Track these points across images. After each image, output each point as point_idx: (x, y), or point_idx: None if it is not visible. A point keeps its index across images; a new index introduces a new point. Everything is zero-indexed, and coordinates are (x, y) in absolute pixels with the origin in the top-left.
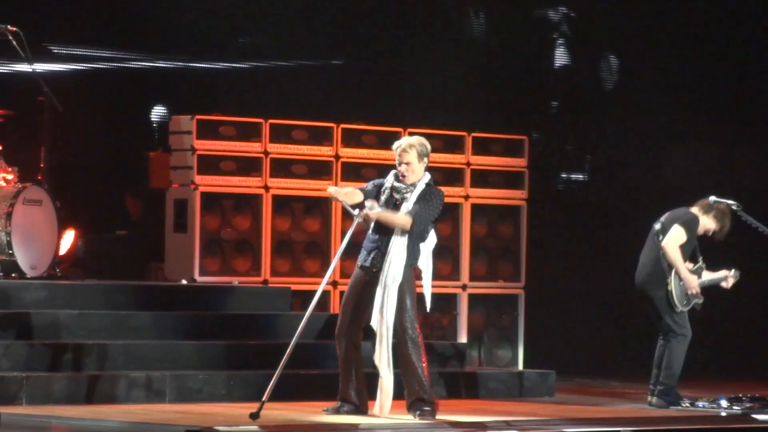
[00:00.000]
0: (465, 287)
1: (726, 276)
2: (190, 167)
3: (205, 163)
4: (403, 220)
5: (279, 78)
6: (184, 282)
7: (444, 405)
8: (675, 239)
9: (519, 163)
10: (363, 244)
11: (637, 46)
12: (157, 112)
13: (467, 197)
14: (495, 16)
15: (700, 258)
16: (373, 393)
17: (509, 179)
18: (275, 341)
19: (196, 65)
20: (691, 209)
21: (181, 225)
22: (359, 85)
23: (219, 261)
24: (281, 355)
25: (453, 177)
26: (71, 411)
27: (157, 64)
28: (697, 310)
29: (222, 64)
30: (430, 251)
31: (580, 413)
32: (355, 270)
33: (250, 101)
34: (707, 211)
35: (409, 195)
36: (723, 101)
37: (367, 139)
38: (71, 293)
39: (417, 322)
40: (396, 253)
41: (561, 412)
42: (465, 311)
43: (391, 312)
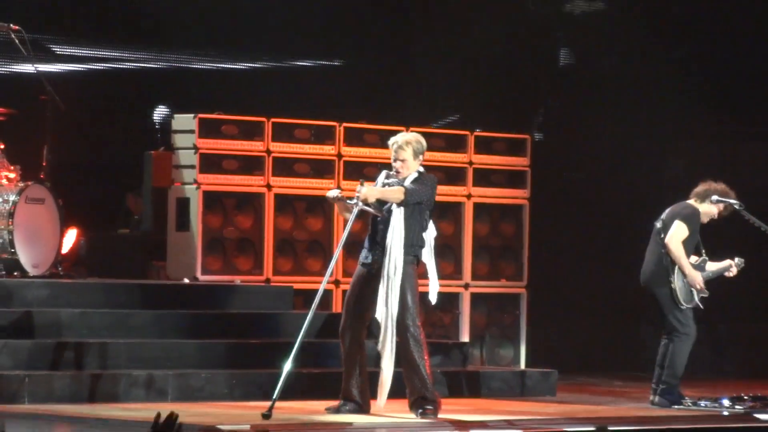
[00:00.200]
0: (467, 286)
1: (730, 265)
2: (192, 166)
3: (208, 162)
4: (397, 191)
5: (281, 77)
6: (186, 281)
7: (446, 404)
8: (677, 235)
9: (521, 162)
10: (364, 243)
11: (638, 46)
12: (160, 111)
13: (469, 196)
14: (497, 14)
15: (702, 251)
16: (376, 391)
17: (511, 178)
18: (277, 340)
19: (198, 65)
20: (689, 202)
21: (184, 224)
22: (362, 84)
23: (221, 260)
24: (283, 354)
25: (455, 176)
26: (73, 410)
27: (160, 64)
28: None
29: (223, 64)
30: (431, 244)
31: (581, 412)
32: (357, 268)
33: (252, 100)
34: (704, 198)
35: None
36: (724, 100)
37: (370, 138)
38: (73, 292)
39: (419, 319)
40: (395, 243)
41: (563, 411)
42: (467, 310)
43: (395, 303)
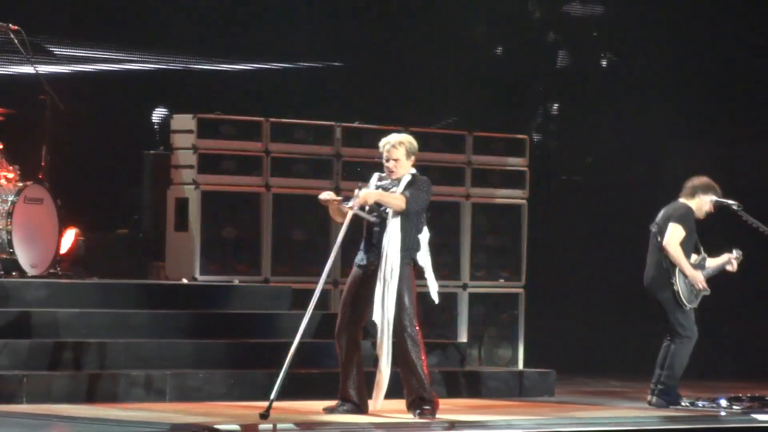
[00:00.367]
0: (465, 286)
1: (729, 259)
2: (191, 166)
3: (206, 162)
4: (398, 198)
5: (280, 77)
6: (184, 281)
7: (444, 404)
8: (674, 237)
9: (519, 163)
10: (360, 245)
11: (637, 46)
12: (158, 111)
13: (468, 196)
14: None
15: (701, 248)
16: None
17: (510, 179)
18: (276, 340)
19: (196, 66)
20: (681, 201)
21: (182, 224)
22: (360, 85)
23: (220, 260)
24: (282, 354)
25: (453, 176)
26: (71, 410)
27: (159, 64)
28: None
29: (222, 64)
30: (426, 245)
31: (580, 412)
32: (353, 269)
33: (251, 101)
34: (693, 194)
35: (396, 188)
36: (723, 101)
37: (368, 139)
38: (72, 292)
39: (416, 320)
40: (392, 247)
41: (561, 411)
42: (465, 310)
43: (392, 306)
